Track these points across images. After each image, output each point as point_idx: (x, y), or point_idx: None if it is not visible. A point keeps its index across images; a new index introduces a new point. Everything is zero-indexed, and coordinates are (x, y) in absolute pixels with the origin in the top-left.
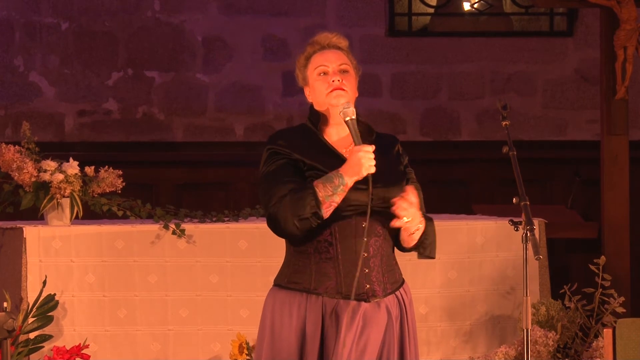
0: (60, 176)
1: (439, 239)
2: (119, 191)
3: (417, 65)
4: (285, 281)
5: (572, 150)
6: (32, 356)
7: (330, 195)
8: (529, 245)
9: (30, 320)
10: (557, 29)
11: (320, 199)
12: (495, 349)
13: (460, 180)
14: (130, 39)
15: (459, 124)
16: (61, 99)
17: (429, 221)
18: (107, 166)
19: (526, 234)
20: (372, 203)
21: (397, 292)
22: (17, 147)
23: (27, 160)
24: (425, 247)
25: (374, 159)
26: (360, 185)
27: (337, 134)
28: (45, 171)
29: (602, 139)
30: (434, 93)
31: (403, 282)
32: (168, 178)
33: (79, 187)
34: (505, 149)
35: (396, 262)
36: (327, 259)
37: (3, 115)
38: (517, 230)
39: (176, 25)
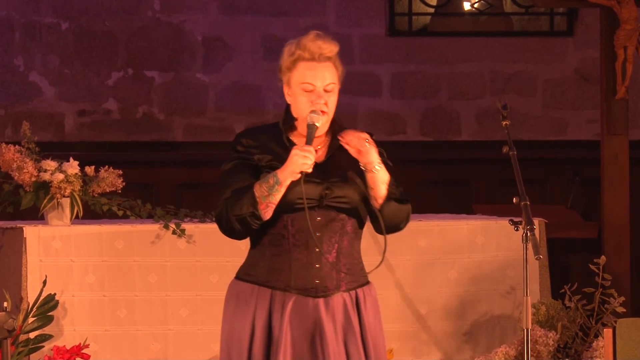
0: (61, 176)
1: (440, 238)
2: (119, 191)
3: (417, 65)
4: (242, 273)
5: (572, 150)
6: (32, 356)
7: (267, 195)
8: (529, 245)
9: (31, 320)
10: (557, 28)
11: (257, 199)
12: (496, 348)
13: (460, 180)
14: (130, 38)
15: (459, 124)
16: (61, 99)
17: (398, 202)
18: (107, 166)
19: (526, 233)
20: (327, 200)
21: (353, 292)
22: (17, 147)
23: (27, 160)
24: (377, 221)
25: (329, 157)
26: (314, 179)
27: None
28: (45, 171)
29: (602, 139)
30: (434, 93)
31: (366, 283)
32: (168, 178)
33: (79, 187)
34: (505, 149)
35: (359, 262)
36: (280, 252)
37: (3, 115)
38: (517, 230)
39: (176, 25)
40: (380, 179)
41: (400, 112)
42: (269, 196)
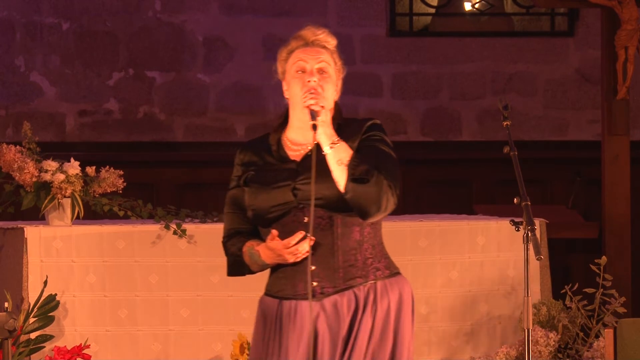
0: (61, 176)
1: (440, 238)
2: (120, 191)
3: (418, 65)
4: (266, 286)
5: (573, 150)
6: (33, 356)
7: (254, 267)
8: (530, 246)
9: (31, 320)
10: (558, 29)
11: (247, 263)
12: (497, 349)
13: (461, 181)
14: (131, 39)
15: (459, 124)
16: (62, 99)
17: (358, 182)
18: (108, 166)
19: (527, 234)
20: (300, 201)
21: (356, 289)
22: (18, 147)
23: (28, 161)
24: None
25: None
26: (282, 183)
27: (302, 136)
28: (46, 171)
29: (603, 139)
30: (434, 93)
31: (371, 279)
32: (169, 178)
33: (80, 187)
34: (506, 149)
35: (356, 259)
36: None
37: (4, 115)
38: (518, 230)
39: (177, 25)
40: (334, 159)
41: (401, 113)
42: (259, 267)
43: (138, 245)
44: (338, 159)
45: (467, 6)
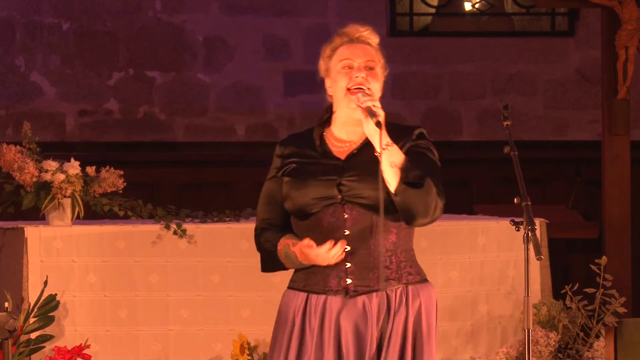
0: (62, 176)
1: (441, 239)
2: (120, 191)
3: (418, 65)
4: (290, 280)
5: (573, 150)
6: (33, 356)
7: (288, 265)
8: (530, 246)
9: (32, 320)
10: (559, 29)
11: (282, 260)
12: (497, 349)
13: (461, 181)
14: (131, 39)
15: (460, 124)
16: (62, 99)
17: (412, 186)
18: (108, 166)
19: (527, 234)
20: (346, 196)
21: (389, 291)
22: (18, 147)
23: (28, 161)
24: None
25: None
26: (327, 177)
27: (346, 133)
28: (46, 171)
29: (604, 139)
30: (435, 93)
31: (403, 282)
32: (169, 178)
33: (80, 187)
34: (506, 149)
35: (391, 262)
36: None
37: (4, 115)
38: (518, 230)
39: (177, 25)
40: (387, 161)
41: (402, 113)
42: (293, 265)
43: (138, 245)
44: (391, 161)
45: (468, 6)
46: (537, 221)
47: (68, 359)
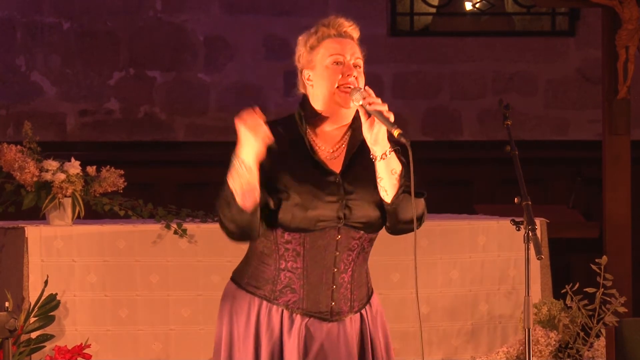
0: (62, 176)
1: (441, 238)
2: (121, 191)
3: (418, 65)
4: (244, 282)
5: (573, 150)
6: (33, 356)
7: (238, 182)
8: (531, 245)
9: (32, 319)
10: (559, 28)
11: (232, 191)
12: (497, 348)
13: (462, 180)
14: (132, 38)
15: (460, 124)
16: (63, 99)
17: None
18: (108, 166)
19: (528, 233)
20: (347, 221)
21: (363, 310)
22: (18, 146)
23: (29, 160)
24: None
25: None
26: (331, 197)
27: (329, 134)
28: (47, 171)
29: (604, 139)
30: (435, 93)
31: (370, 295)
32: (170, 178)
33: (80, 187)
34: (507, 149)
35: (367, 274)
36: (293, 269)
37: (5, 115)
38: (518, 230)
39: (178, 25)
40: (390, 167)
41: (402, 112)
42: (241, 179)
43: (139, 244)
44: (392, 169)
45: (468, 6)
46: (537, 221)
47: (68, 358)
